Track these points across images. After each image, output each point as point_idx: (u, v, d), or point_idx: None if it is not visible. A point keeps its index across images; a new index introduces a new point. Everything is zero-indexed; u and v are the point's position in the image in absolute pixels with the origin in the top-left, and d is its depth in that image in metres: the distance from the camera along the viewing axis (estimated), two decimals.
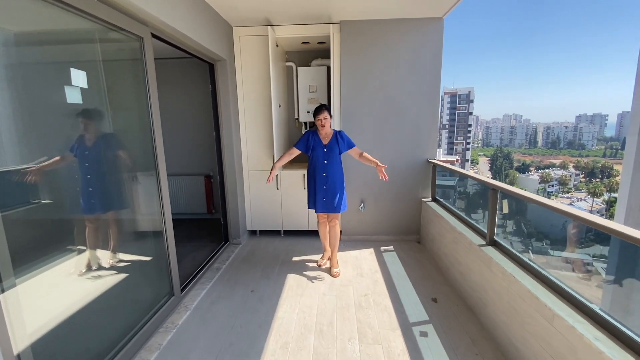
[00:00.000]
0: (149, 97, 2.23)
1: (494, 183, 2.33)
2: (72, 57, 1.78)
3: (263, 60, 3.72)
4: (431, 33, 3.52)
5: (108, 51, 2.03)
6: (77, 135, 1.79)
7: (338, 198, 3.01)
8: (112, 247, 2.07)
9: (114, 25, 1.89)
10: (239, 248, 3.78)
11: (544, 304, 1.64)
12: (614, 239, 5.45)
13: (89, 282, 1.88)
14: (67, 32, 1.72)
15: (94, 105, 1.90)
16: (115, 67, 2.12)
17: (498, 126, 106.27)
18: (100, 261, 1.96)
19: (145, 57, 2.17)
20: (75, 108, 1.76)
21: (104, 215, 2.05)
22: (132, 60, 2.17)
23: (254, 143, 3.92)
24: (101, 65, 1.91)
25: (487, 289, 2.25)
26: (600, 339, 1.35)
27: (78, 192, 1.88)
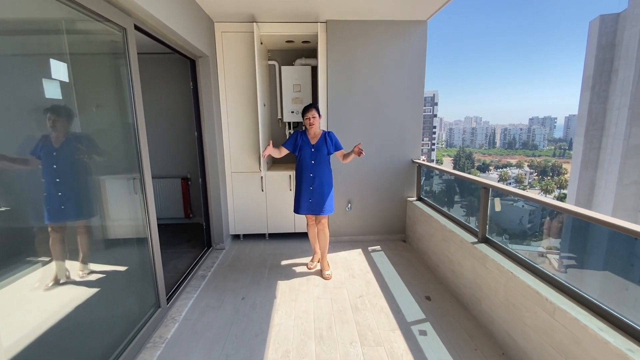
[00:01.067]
0: (132, 94, 2.05)
1: (486, 182, 2.40)
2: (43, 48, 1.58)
3: (246, 58, 3.59)
4: (415, 36, 3.59)
5: (85, 43, 1.84)
6: (43, 135, 1.57)
7: (324, 200, 2.95)
8: (82, 258, 1.83)
9: (94, 13, 1.71)
10: (223, 253, 3.62)
11: (545, 298, 1.70)
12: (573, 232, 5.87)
13: (61, 297, 1.67)
14: (38, 21, 1.53)
15: (69, 101, 1.71)
16: (93, 60, 1.93)
17: (460, 128, 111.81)
18: (71, 273, 1.75)
19: (129, 49, 2.00)
20: (44, 104, 1.55)
21: (75, 222, 1.83)
22: (112, 53, 1.99)
23: (237, 144, 3.77)
24: (75, 58, 1.72)
25: (481, 285, 2.31)
26: (604, 329, 1.42)
27: (44, 197, 1.66)
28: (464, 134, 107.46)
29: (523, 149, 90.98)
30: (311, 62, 4.05)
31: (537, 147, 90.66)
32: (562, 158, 75.74)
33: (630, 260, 3.89)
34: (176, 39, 2.62)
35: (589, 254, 5.56)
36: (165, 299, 2.44)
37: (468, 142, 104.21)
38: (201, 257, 3.45)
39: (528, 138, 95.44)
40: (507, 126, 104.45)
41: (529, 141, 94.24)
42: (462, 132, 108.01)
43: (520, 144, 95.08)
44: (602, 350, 1.38)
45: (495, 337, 2.14)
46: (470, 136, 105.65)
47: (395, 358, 2.00)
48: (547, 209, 7.38)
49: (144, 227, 2.23)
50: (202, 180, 3.55)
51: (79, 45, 1.80)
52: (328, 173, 2.99)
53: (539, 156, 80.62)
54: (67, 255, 1.76)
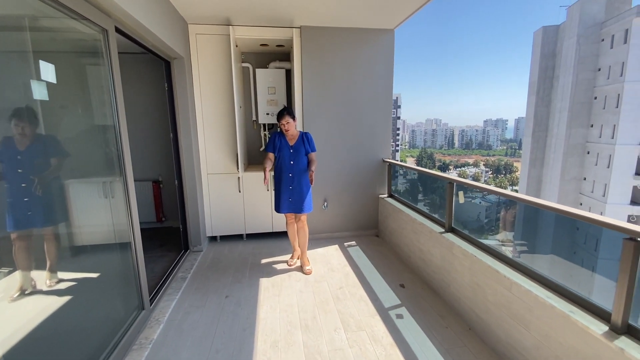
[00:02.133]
0: (114, 97, 2.05)
1: (449, 177, 2.66)
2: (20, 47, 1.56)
3: (221, 60, 3.63)
4: (384, 43, 3.83)
5: (65, 43, 1.83)
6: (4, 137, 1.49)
7: (304, 199, 3.07)
8: (50, 266, 1.74)
9: (76, 13, 1.71)
10: (201, 255, 3.61)
11: (504, 275, 1.96)
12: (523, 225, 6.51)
13: (33, 306, 1.62)
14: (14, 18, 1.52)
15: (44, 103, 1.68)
16: (73, 61, 1.92)
17: (422, 129, 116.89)
18: (43, 282, 1.69)
19: (110, 51, 2.00)
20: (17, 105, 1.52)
21: (42, 229, 1.75)
22: (93, 53, 1.98)
23: (213, 145, 3.79)
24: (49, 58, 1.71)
25: (449, 270, 2.57)
26: (551, 297, 1.69)
27: (8, 203, 1.58)
28: (425, 135, 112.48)
29: (479, 149, 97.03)
30: (285, 66, 4.17)
31: (491, 147, 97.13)
32: (513, 157, 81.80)
33: (572, 247, 4.46)
34: (152, 40, 2.62)
35: (537, 241, 6.23)
36: (149, 300, 2.44)
37: (429, 143, 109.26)
38: (179, 259, 3.42)
39: (483, 139, 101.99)
40: (465, 128, 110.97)
41: (484, 142, 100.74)
42: (423, 134, 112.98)
43: (476, 145, 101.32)
44: (549, 314, 1.65)
45: (462, 315, 2.40)
46: (431, 137, 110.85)
47: (376, 340, 2.18)
48: (501, 205, 7.89)
49: (127, 230, 2.22)
50: (178, 183, 3.52)
51: (56, 45, 1.78)
52: (306, 173, 3.10)
53: (493, 155, 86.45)
54: (34, 264, 1.71)
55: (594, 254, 10.82)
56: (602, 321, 1.45)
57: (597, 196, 22.62)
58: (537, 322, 1.73)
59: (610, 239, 10.33)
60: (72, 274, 1.86)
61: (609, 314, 1.43)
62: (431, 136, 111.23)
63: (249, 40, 3.75)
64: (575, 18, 23.67)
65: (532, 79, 30.12)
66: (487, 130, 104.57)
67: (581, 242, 11.82)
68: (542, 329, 1.70)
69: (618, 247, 1.36)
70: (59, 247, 1.89)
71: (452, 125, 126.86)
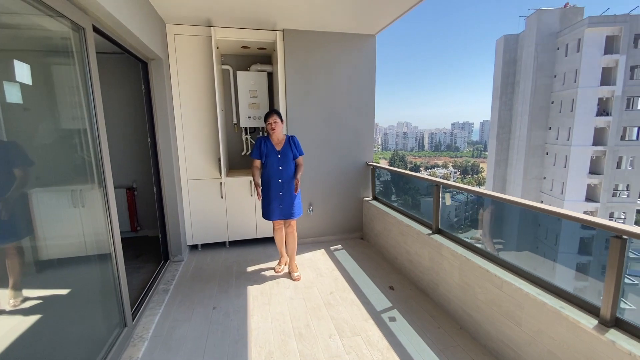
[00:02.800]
0: (92, 98, 1.92)
1: (436, 179, 2.73)
2: None
3: (201, 62, 3.51)
4: (366, 48, 3.88)
5: (38, 41, 1.68)
6: None
7: (294, 204, 3.03)
8: (13, 284, 1.58)
9: (52, 10, 1.58)
10: (182, 265, 3.45)
11: (494, 275, 2.03)
12: None
13: (8, 327, 1.48)
14: None
15: None
16: (48, 61, 1.77)
17: (394, 132, 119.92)
18: (9, 300, 1.53)
19: (88, 51, 1.86)
20: None
21: (4, 244, 1.58)
22: (67, 53, 1.84)
23: (194, 150, 3.65)
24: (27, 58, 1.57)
25: (438, 270, 2.62)
26: (541, 294, 1.76)
27: None
28: (397, 138, 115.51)
29: (447, 151, 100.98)
30: (267, 69, 4.11)
31: (459, 149, 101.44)
32: (479, 158, 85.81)
33: (535, 242, 4.71)
34: (130, 39, 2.48)
35: (512, 238, 6.55)
36: (131, 316, 2.28)
37: (401, 145, 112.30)
38: (159, 271, 3.25)
39: (451, 141, 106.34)
40: (434, 131, 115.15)
41: (452, 144, 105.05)
42: (395, 137, 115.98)
43: (445, 147, 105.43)
44: (541, 310, 1.72)
45: (452, 314, 2.45)
46: (402, 140, 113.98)
47: (372, 344, 2.17)
48: (469, 204, 8.23)
49: (107, 241, 2.07)
50: (156, 190, 3.35)
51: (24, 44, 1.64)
52: (294, 178, 3.04)
53: (461, 157, 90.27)
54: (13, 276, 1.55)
55: (554, 247, 11.66)
56: (592, 315, 1.53)
57: (556, 194, 24.19)
58: (529, 319, 1.79)
59: (568, 234, 11.12)
60: (41, 291, 1.70)
61: (598, 308, 1.52)
62: (402, 139, 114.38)
63: (229, 42, 3.66)
64: (533, 28, 25.33)
65: (496, 84, 31.79)
66: (454, 132, 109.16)
67: (542, 238, 12.65)
68: (534, 325, 1.76)
69: (575, 240, 1.44)
70: (23, 263, 1.72)
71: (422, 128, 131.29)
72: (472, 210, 13.85)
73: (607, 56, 21.41)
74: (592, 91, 22.07)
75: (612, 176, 22.42)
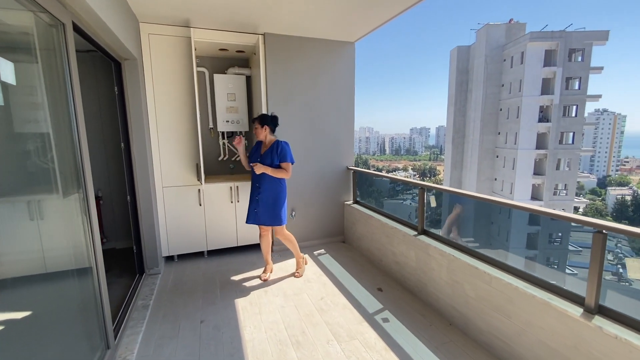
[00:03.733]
0: (72, 99, 1.75)
1: (420, 183, 2.84)
2: None
3: (178, 63, 3.36)
4: (345, 55, 3.95)
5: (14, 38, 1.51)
6: None
7: (269, 211, 2.97)
8: None
9: (34, 4, 1.43)
10: (160, 278, 3.24)
11: (483, 271, 2.15)
12: None
13: None
14: None
15: None
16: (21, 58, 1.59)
17: (357, 137, 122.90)
18: None
19: (68, 48, 1.71)
20: None
21: None
22: (45, 50, 1.67)
23: (170, 155, 3.46)
24: None
25: (425, 270, 2.72)
26: (529, 287, 1.90)
27: None
28: (359, 142, 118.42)
29: (407, 155, 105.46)
30: (245, 72, 4.02)
31: (417, 153, 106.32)
32: (436, 161, 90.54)
33: (488, 239, 5.11)
34: (107, 37, 2.32)
35: (484, 237, 7.05)
36: (114, 337, 2.10)
37: (364, 149, 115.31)
38: (135, 285, 3.02)
39: (410, 145, 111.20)
40: (394, 135, 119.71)
41: (411, 148, 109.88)
42: (358, 141, 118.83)
43: (404, 151, 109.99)
44: (530, 303, 1.85)
45: (441, 312, 2.55)
46: (365, 144, 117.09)
47: (370, 347, 2.19)
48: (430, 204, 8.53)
49: (87, 254, 1.89)
50: (130, 198, 3.13)
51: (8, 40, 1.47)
52: (275, 184, 2.97)
53: (419, 160, 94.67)
54: None
55: (506, 244, 12.79)
56: (577, 305, 1.68)
57: (506, 194, 26.19)
58: (518, 311, 1.92)
59: (517, 230, 12.02)
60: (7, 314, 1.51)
61: (583, 298, 1.67)
62: (365, 143, 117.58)
63: (207, 44, 3.53)
64: (482, 40, 27.39)
65: (450, 92, 33.85)
66: (413, 137, 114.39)
67: (495, 234, 13.72)
68: (523, 317, 1.90)
69: (523, 236, 1.57)
70: None
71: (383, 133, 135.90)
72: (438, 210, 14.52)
73: (546, 68, 23.74)
74: (534, 99, 24.29)
75: (552, 177, 24.79)
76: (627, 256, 23.24)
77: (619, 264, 21.99)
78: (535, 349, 1.83)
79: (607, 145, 71.92)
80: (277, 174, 2.91)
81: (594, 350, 1.54)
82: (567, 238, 19.75)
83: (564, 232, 19.40)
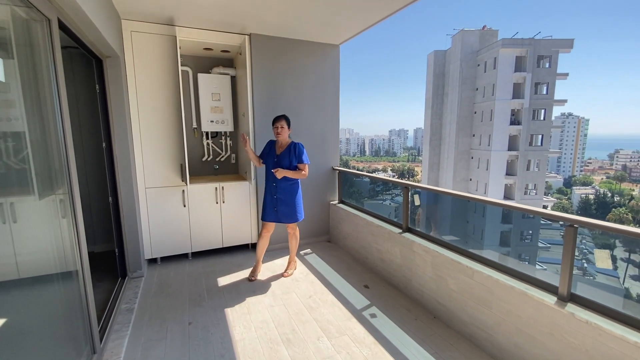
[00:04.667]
0: (57, 96, 1.71)
1: (405, 182, 2.94)
2: None
3: (161, 62, 3.30)
4: (331, 57, 4.02)
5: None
6: None
7: (289, 209, 3.09)
8: None
9: None
10: (144, 282, 3.17)
11: (466, 266, 2.26)
12: None
13: None
14: None
15: None
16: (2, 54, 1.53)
17: None
18: None
19: (54, 45, 1.66)
20: None
21: None
22: (28, 46, 1.62)
23: (153, 155, 3.39)
24: None
25: (410, 266, 2.82)
26: (509, 279, 2.02)
27: None
28: (340, 144, 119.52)
29: (386, 156, 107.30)
30: (229, 72, 4.00)
31: (396, 154, 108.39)
32: (414, 162, 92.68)
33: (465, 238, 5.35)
34: (90, 34, 2.26)
35: (461, 236, 7.28)
36: (100, 341, 2.05)
37: (344, 151, 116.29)
38: (118, 289, 2.94)
39: (389, 147, 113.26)
40: (374, 137, 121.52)
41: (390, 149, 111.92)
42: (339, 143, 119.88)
43: (384, 152, 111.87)
44: (509, 294, 1.97)
45: (426, 306, 2.65)
46: (345, 146, 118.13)
47: (359, 341, 2.25)
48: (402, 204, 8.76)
49: (72, 257, 1.84)
50: (112, 200, 3.04)
51: None
52: (292, 182, 3.09)
53: (398, 161, 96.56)
54: None
55: (481, 242, 13.38)
56: (551, 294, 1.82)
57: (480, 193, 27.21)
58: (499, 302, 2.04)
59: (491, 229, 12.63)
60: None
61: (556, 287, 1.80)
62: (345, 144, 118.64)
63: (191, 43, 3.49)
64: (457, 45, 28.36)
65: (428, 95, 34.79)
66: (392, 139, 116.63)
67: (470, 233, 14.27)
68: (503, 307, 2.02)
69: (497, 234, 1.70)
70: None
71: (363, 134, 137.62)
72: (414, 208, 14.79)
73: (517, 73, 24.90)
74: (506, 103, 25.41)
75: (523, 177, 26.00)
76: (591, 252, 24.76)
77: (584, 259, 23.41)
78: (515, 337, 1.95)
79: (572, 147, 76.26)
80: (297, 176, 3.01)
81: (567, 335, 1.67)
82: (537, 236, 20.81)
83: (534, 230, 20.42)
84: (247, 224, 3.90)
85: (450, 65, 30.42)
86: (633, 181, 63.04)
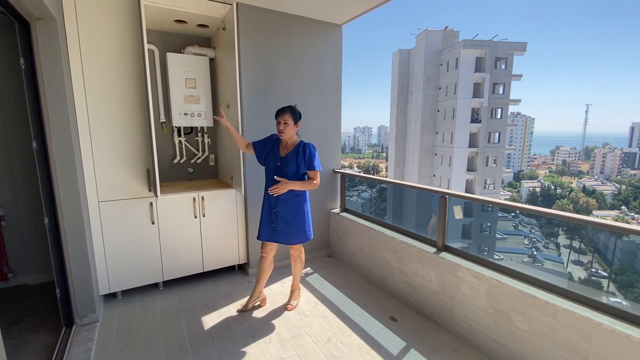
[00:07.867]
0: None
1: (442, 190, 2.40)
2: None
3: (120, 32, 2.46)
4: (332, 38, 3.38)
5: None
6: None
7: (291, 227, 2.39)
8: None
9: None
10: (99, 330, 2.33)
11: (544, 301, 1.77)
12: None
13: None
14: None
15: None
16: None
17: None
18: None
19: None
20: None
21: None
22: None
23: (107, 158, 2.54)
24: None
25: (451, 294, 2.29)
26: (616, 323, 1.56)
27: None
28: None
29: (352, 153, 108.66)
30: (207, 53, 3.21)
31: (361, 151, 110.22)
32: (379, 159, 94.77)
33: None
34: None
35: (422, 229, 7.12)
36: None
37: None
38: (60, 345, 2.09)
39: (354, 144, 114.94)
40: None
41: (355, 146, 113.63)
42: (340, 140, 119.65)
43: (349, 149, 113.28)
44: (619, 343, 1.50)
45: (478, 345, 2.14)
46: None
47: None
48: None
49: None
50: (49, 219, 2.17)
51: None
52: (297, 193, 2.37)
53: (363, 158, 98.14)
54: None
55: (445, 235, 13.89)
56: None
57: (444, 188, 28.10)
58: (600, 352, 1.57)
59: (454, 222, 12.88)
60: None
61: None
62: None
63: (158, 11, 2.66)
64: (421, 45, 28.91)
65: (393, 93, 35.26)
66: (357, 136, 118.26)
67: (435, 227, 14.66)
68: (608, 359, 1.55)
69: None
70: None
71: None
72: None
73: (477, 73, 25.89)
74: (467, 102, 26.36)
75: (482, 172, 27.24)
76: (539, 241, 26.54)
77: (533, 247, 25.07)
78: None
79: (520, 144, 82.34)
80: (307, 187, 2.32)
81: None
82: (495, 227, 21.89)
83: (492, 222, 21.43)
84: (233, 241, 3.16)
85: (414, 64, 30.96)
86: (572, 175, 69.71)
